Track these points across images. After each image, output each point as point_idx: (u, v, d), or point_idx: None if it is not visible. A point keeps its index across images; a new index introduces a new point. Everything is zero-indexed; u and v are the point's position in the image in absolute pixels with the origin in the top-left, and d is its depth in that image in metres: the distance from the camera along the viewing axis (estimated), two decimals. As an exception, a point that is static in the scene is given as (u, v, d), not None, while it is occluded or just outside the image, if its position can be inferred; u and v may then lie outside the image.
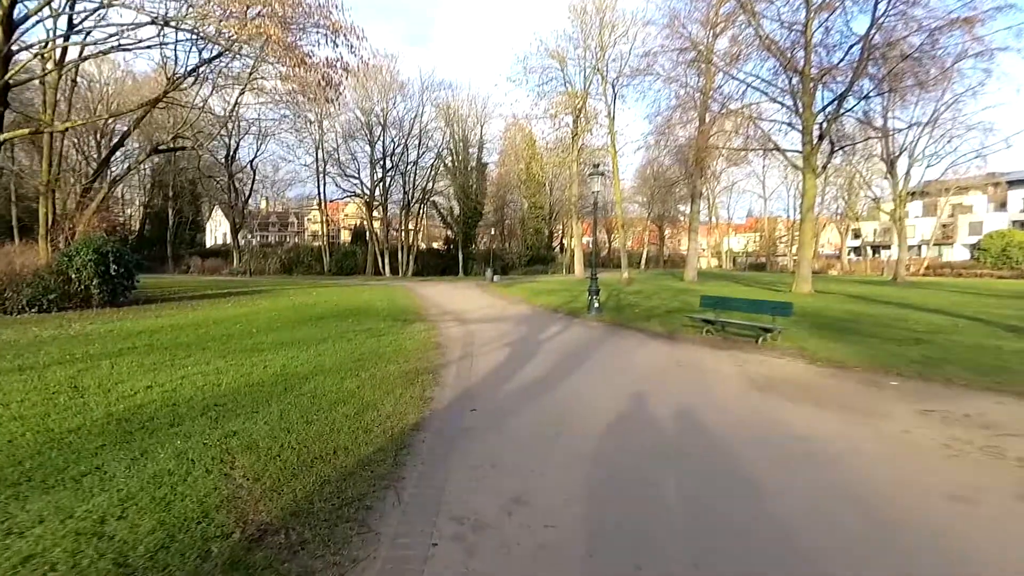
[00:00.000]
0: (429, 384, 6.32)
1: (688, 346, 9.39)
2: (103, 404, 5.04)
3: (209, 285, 26.56)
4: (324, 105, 25.34)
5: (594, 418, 5.15)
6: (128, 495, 3.27)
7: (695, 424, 5.04)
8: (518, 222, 54.37)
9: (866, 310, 14.70)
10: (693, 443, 4.54)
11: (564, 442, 4.52)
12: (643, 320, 12.41)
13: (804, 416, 5.28)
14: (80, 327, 10.05)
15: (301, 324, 11.24)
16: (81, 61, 17.94)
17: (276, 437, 4.36)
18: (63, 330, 9.58)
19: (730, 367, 7.60)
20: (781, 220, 63.39)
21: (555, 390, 6.28)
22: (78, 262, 13.21)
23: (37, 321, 10.94)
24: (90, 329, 9.84)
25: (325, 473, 3.73)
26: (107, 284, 13.66)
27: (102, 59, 34.41)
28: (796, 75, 20.81)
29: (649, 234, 65.13)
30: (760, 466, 4.01)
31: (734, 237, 70.56)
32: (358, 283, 31.77)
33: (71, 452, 3.90)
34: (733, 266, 63.62)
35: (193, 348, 8.12)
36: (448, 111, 44.07)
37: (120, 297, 14.31)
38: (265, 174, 50.04)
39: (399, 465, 3.95)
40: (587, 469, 3.97)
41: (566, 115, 35.17)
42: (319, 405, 5.28)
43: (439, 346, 9.01)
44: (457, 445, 4.44)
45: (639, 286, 25.36)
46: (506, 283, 30.16)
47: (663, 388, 6.40)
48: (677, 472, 3.91)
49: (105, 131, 35.29)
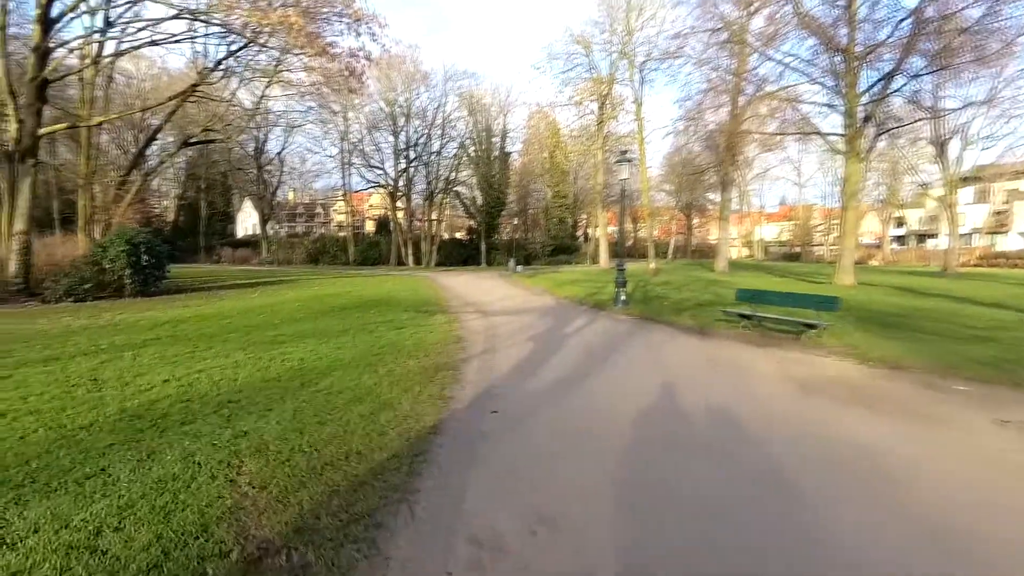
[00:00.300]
0: (449, 381, 6.06)
1: (723, 342, 8.91)
2: (119, 399, 4.94)
3: (238, 275, 27.02)
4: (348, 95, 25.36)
5: (624, 422, 4.80)
6: (129, 502, 3.09)
7: (736, 431, 4.64)
8: (541, 212, 53.73)
9: (917, 304, 13.85)
10: (736, 453, 4.16)
11: (592, 450, 4.19)
12: (673, 313, 11.89)
13: (858, 423, 4.82)
14: (110, 316, 10.17)
15: (323, 315, 11.15)
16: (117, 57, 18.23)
17: (287, 439, 4.16)
18: (94, 320, 9.69)
19: (770, 366, 7.11)
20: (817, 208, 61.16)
21: (581, 390, 5.94)
22: (111, 253, 13.45)
23: (72, 310, 11.13)
24: (119, 319, 9.94)
25: (335, 481, 3.50)
26: (139, 274, 13.89)
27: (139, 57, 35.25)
28: (839, 54, 19.60)
29: (676, 223, 63.57)
30: (813, 484, 3.61)
31: (766, 226, 68.33)
32: (381, 273, 31.90)
33: (79, 451, 3.77)
34: (765, 256, 61.71)
35: (215, 339, 8.06)
36: (471, 100, 43.90)
37: (151, 287, 14.53)
38: (293, 166, 50.53)
39: (414, 474, 3.69)
40: (618, 482, 3.64)
41: (591, 102, 34.50)
42: (334, 403, 5.08)
43: (460, 340, 8.76)
44: (476, 451, 4.16)
45: (667, 277, 24.69)
46: (529, 273, 29.79)
47: (698, 389, 5.97)
48: (719, 489, 3.54)
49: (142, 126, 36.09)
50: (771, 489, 3.53)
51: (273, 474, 3.56)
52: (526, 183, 51.47)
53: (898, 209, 51.75)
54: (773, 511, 3.24)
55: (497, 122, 45.71)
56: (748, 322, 9.76)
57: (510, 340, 8.85)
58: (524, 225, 55.66)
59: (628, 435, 4.50)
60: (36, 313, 10.73)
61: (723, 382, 6.30)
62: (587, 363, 7.29)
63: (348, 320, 10.42)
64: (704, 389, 5.95)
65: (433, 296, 16.42)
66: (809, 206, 61.34)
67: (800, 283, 20.69)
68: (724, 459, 4.02)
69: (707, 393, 5.77)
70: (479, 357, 7.48)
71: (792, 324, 9.27)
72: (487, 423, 4.83)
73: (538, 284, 21.65)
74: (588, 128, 35.94)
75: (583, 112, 35.40)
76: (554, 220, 51.83)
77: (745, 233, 65.79)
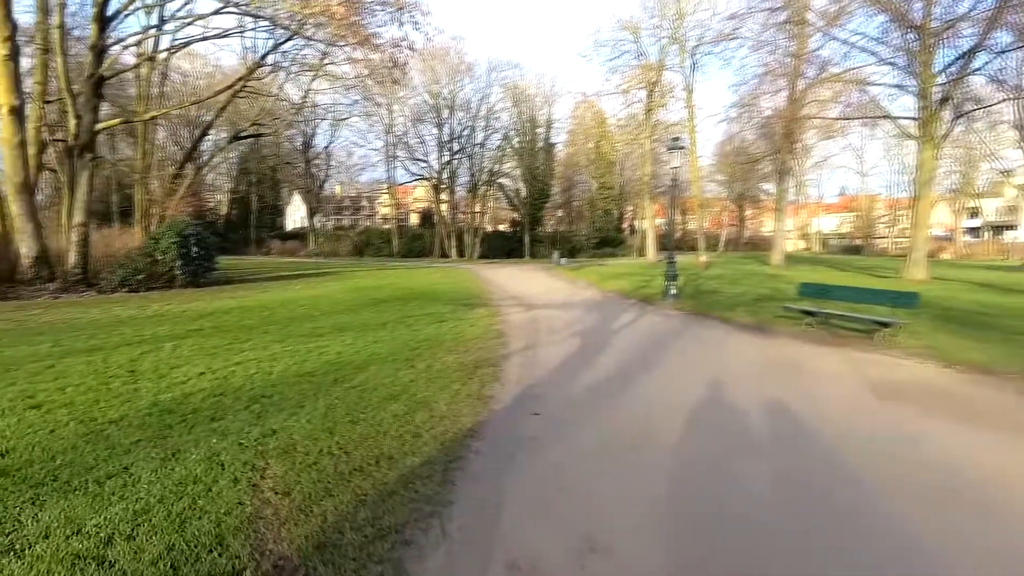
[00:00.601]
0: (488, 379, 5.73)
1: (785, 341, 8.23)
2: (153, 391, 4.85)
3: (284, 266, 27.65)
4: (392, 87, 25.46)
5: (678, 432, 4.35)
6: (145, 507, 2.90)
7: (806, 446, 4.11)
8: (586, 203, 52.67)
9: (1002, 300, 12.59)
10: (807, 467, 3.65)
11: (645, 463, 3.76)
12: (727, 309, 11.18)
13: (951, 438, 4.19)
14: (158, 307, 10.39)
15: (363, 307, 11.06)
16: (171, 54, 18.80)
17: (317, 439, 3.93)
18: (142, 310, 9.90)
19: (841, 368, 6.45)
20: (880, 198, 57.56)
21: (631, 392, 5.49)
22: (163, 244, 13.84)
23: (124, 301, 11.47)
24: (166, 309, 10.13)
25: (363, 490, 3.22)
26: (189, 265, 14.25)
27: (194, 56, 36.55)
28: (912, 31, 18.04)
29: (728, 215, 61.20)
30: (904, 510, 3.08)
31: (824, 217, 64.79)
32: (424, 265, 32.00)
33: (105, 448, 3.63)
34: (823, 249, 58.63)
35: (255, 331, 8.03)
36: (516, 91, 43.38)
37: (201, 278, 14.89)
38: (339, 160, 51.37)
39: (448, 484, 3.37)
40: (676, 498, 3.22)
41: (639, 90, 33.48)
42: (368, 401, 4.83)
43: (501, 334, 8.42)
44: (517, 459, 3.81)
45: (718, 270, 23.64)
46: (573, 266, 29.21)
47: (759, 394, 5.41)
48: (792, 508, 3.08)
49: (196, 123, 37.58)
50: (853, 521, 3.02)
51: (298, 479, 3.32)
52: (571, 174, 50.63)
53: (973, 199, 47.94)
54: (853, 547, 2.74)
55: (542, 112, 45.11)
56: (812, 319, 9.01)
57: (553, 336, 8.45)
58: (568, 217, 54.82)
59: (683, 447, 4.05)
60: (91, 303, 11.10)
61: (788, 387, 5.70)
62: (636, 362, 6.82)
63: (388, 313, 10.27)
64: (767, 395, 5.38)
65: (475, 289, 16.19)
66: (872, 196, 57.63)
67: (865, 277, 19.34)
68: (795, 481, 3.52)
69: (770, 399, 5.21)
70: (521, 353, 7.13)
71: (863, 322, 8.45)
72: (528, 426, 4.48)
73: (583, 277, 21.11)
74: (636, 117, 35.03)
75: (630, 100, 34.53)
76: (599, 212, 50.76)
77: (801, 225, 62.72)
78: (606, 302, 13.37)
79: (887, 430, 4.40)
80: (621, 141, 40.26)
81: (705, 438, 4.20)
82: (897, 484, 3.43)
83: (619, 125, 38.50)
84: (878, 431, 4.38)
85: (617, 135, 40.27)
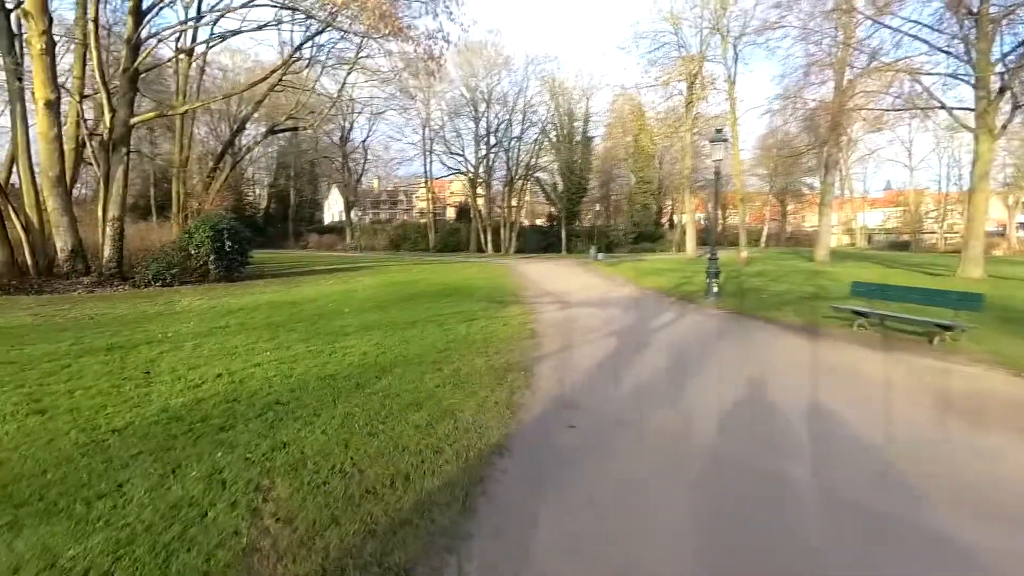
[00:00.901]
0: (520, 385, 5.29)
1: (837, 344, 7.56)
2: (164, 396, 4.60)
3: (320, 260, 27.86)
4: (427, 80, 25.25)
5: (733, 447, 3.85)
6: (130, 536, 2.58)
7: (867, 466, 3.58)
8: (624, 198, 51.50)
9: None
10: (872, 500, 3.06)
11: (696, 484, 3.29)
12: (772, 308, 10.50)
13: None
14: (188, 303, 10.35)
15: (394, 304, 10.78)
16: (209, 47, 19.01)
17: (329, 453, 3.58)
18: (170, 306, 9.86)
19: (903, 377, 5.82)
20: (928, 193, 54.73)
21: (676, 402, 4.99)
22: (197, 238, 13.91)
23: (155, 295, 11.51)
24: (195, 305, 10.07)
25: (374, 516, 2.84)
26: (222, 260, 14.29)
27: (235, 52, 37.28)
28: (969, 17, 16.91)
29: (770, 209, 59.04)
30: (984, 537, 2.51)
31: (869, 212, 61.91)
32: (460, 260, 31.81)
33: (102, 461, 3.35)
34: (868, 244, 55.96)
35: (281, 329, 7.81)
36: (553, 84, 42.73)
37: (234, 272, 14.94)
38: (377, 154, 51.64)
39: (469, 511, 2.95)
40: (732, 535, 2.72)
41: (679, 82, 32.59)
42: (389, 409, 4.47)
43: (535, 334, 7.98)
44: (548, 480, 3.37)
45: (760, 266, 22.60)
46: (611, 262, 28.47)
47: (813, 404, 4.87)
48: (865, 543, 2.53)
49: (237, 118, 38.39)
50: (931, 550, 2.46)
51: (303, 503, 2.96)
52: (609, 168, 49.61)
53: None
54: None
55: (580, 106, 44.32)
56: (865, 320, 8.35)
57: (589, 336, 7.96)
58: (606, 212, 53.81)
59: (741, 467, 3.54)
60: (121, 297, 11.16)
61: (843, 396, 5.12)
62: (680, 367, 6.32)
63: (419, 310, 9.96)
64: (821, 405, 4.85)
65: (509, 284, 15.81)
66: (920, 190, 54.80)
67: (917, 275, 18.05)
68: (872, 505, 2.95)
69: (825, 411, 4.69)
70: (555, 356, 6.68)
71: (921, 324, 7.76)
72: (562, 440, 4.06)
73: (621, 273, 20.47)
74: (676, 110, 34.15)
75: (670, 93, 33.67)
76: (637, 206, 49.54)
77: (845, 220, 59.96)
78: (645, 300, 12.78)
79: (955, 445, 3.90)
80: (660, 134, 39.09)
81: (762, 458, 3.66)
82: (973, 507, 2.96)
83: (658, 118, 37.45)
84: (946, 446, 3.88)
85: (656, 128, 39.14)
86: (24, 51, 12.51)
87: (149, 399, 4.49)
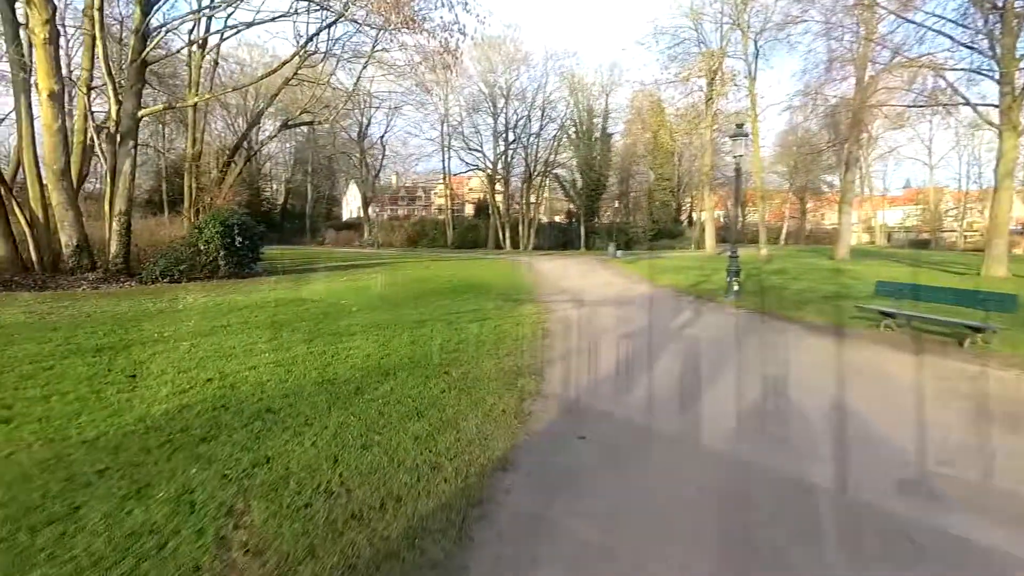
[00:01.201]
0: (529, 391, 4.90)
1: (863, 345, 7.14)
2: (146, 402, 4.27)
3: (336, 257, 27.70)
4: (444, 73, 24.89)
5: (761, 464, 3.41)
6: (72, 573, 2.22)
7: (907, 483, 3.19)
8: (644, 194, 50.77)
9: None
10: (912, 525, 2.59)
11: (721, 511, 2.87)
12: (794, 307, 10.03)
13: None
14: (192, 300, 10.10)
15: (405, 302, 10.42)
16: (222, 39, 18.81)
17: (316, 470, 3.22)
18: (173, 304, 9.59)
19: (935, 381, 5.43)
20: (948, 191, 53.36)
21: (697, 410, 4.60)
22: (206, 234, 13.69)
23: (160, 292, 11.26)
24: (200, 303, 9.81)
25: (356, 548, 2.47)
26: (232, 256, 14.06)
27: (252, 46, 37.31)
28: (994, 11, 16.38)
29: (789, 206, 57.93)
30: None
31: (889, 210, 60.60)
32: (477, 257, 31.48)
33: (63, 479, 3.01)
34: (888, 243, 54.68)
35: (283, 328, 7.49)
36: (573, 80, 42.32)
37: (245, 268, 14.70)
38: (395, 149, 51.36)
39: (465, 541, 2.57)
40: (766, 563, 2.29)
41: (699, 78, 32.15)
42: (387, 418, 4.10)
43: (548, 334, 7.58)
44: (555, 502, 2.99)
45: (780, 264, 21.99)
46: (629, 259, 27.92)
47: (843, 411, 4.50)
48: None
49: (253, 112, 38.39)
50: None
51: (279, 530, 2.60)
52: (628, 165, 48.92)
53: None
54: None
55: (599, 102, 43.81)
56: (892, 321, 7.95)
57: (606, 337, 7.53)
58: (625, 208, 53.12)
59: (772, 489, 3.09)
60: (125, 294, 10.92)
61: (873, 402, 4.75)
62: (700, 370, 5.95)
63: (430, 308, 9.59)
64: (858, 412, 4.50)
65: (526, 282, 15.44)
66: (940, 188, 53.55)
67: (940, 274, 17.34)
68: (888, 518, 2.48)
69: (856, 419, 4.35)
70: (568, 358, 6.29)
71: (950, 325, 7.39)
72: (573, 453, 3.68)
73: (639, 270, 20.01)
74: (696, 106, 33.55)
75: (690, 89, 33.20)
76: (657, 203, 48.85)
77: (865, 218, 58.74)
78: (663, 298, 12.32)
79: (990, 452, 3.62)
80: (680, 131, 38.43)
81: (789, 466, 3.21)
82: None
83: (678, 114, 36.80)
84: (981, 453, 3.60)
85: (676, 125, 38.47)
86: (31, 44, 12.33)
87: (130, 405, 4.16)
